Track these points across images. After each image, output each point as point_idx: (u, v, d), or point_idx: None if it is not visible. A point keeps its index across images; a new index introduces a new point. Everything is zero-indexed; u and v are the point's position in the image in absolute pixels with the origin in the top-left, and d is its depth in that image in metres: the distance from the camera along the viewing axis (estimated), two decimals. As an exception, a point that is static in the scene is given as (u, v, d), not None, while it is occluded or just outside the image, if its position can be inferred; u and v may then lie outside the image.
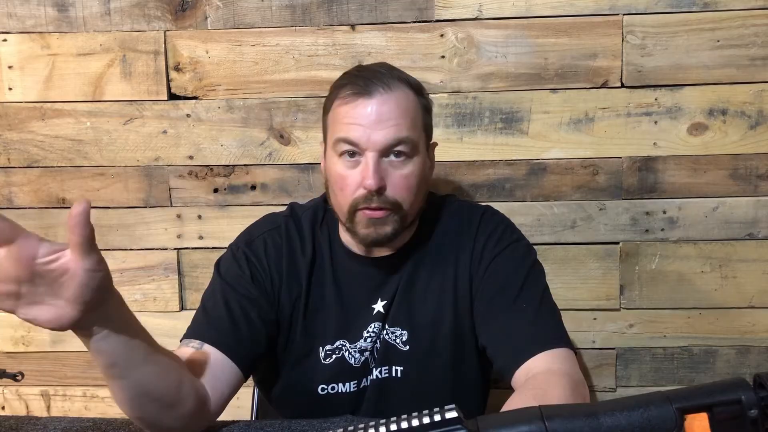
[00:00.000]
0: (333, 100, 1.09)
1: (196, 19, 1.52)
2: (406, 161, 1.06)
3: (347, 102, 1.05)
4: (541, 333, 1.01)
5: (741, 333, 1.56)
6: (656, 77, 1.48)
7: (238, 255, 1.12)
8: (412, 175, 1.06)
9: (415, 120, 1.07)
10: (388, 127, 1.03)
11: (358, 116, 1.04)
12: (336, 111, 1.07)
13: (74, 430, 0.98)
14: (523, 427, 0.57)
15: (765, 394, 0.58)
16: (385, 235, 1.06)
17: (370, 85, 1.04)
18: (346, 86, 1.07)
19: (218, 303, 1.07)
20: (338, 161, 1.06)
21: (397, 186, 1.05)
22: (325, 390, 1.12)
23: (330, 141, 1.08)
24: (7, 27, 1.55)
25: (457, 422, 0.57)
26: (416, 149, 1.07)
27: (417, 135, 1.07)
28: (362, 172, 1.03)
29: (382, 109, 1.03)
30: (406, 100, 1.06)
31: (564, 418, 0.58)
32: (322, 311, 1.12)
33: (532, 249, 1.15)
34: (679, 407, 0.57)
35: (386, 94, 1.04)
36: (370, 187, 1.02)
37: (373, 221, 1.04)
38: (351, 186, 1.05)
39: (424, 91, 1.12)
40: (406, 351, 1.12)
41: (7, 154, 1.59)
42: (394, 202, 1.05)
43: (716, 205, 1.52)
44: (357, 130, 1.03)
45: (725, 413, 0.58)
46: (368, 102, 1.04)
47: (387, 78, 1.06)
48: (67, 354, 1.66)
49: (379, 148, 1.03)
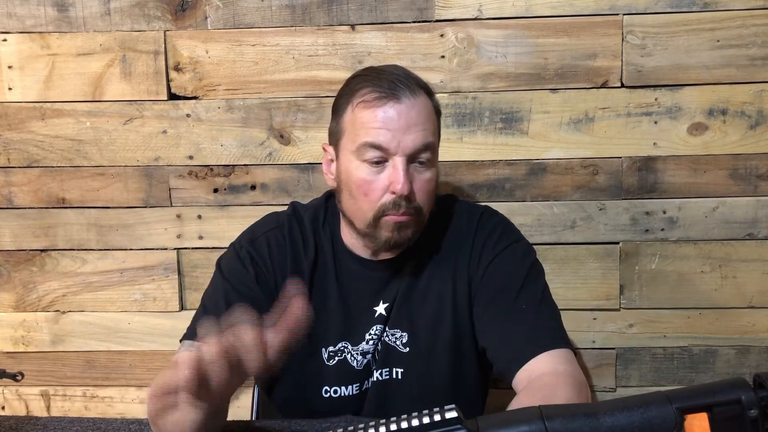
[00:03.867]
0: (351, 102, 1.06)
1: (196, 19, 1.52)
2: (429, 166, 1.06)
3: (372, 105, 1.03)
4: (542, 334, 1.01)
5: (741, 333, 1.56)
6: (656, 77, 1.48)
7: (242, 254, 1.11)
8: (432, 181, 1.07)
9: (434, 124, 1.07)
10: (416, 132, 1.02)
11: (387, 120, 1.02)
12: (359, 114, 1.04)
13: (74, 430, 0.98)
14: (523, 427, 0.57)
15: (765, 394, 0.58)
16: (406, 239, 1.06)
17: (396, 89, 1.03)
18: (367, 89, 1.04)
19: (219, 304, 1.06)
20: (361, 165, 1.04)
21: (420, 191, 1.05)
22: (328, 393, 1.12)
23: (351, 145, 1.05)
24: (7, 27, 1.55)
25: (456, 422, 0.57)
26: (437, 153, 1.08)
27: (437, 139, 1.08)
28: (391, 177, 1.02)
29: (411, 114, 1.02)
30: (428, 104, 1.06)
31: (564, 417, 0.58)
32: (324, 312, 1.12)
33: (532, 249, 1.15)
34: (679, 407, 0.57)
35: (413, 98, 1.03)
36: (401, 192, 1.01)
37: (398, 225, 1.04)
38: (376, 192, 1.03)
39: (435, 95, 1.11)
40: (407, 353, 1.12)
41: (7, 154, 1.59)
42: (419, 207, 1.05)
43: (716, 205, 1.52)
44: (385, 134, 1.01)
45: (725, 413, 0.57)
46: (396, 106, 1.02)
47: (409, 82, 1.05)
48: (67, 354, 1.66)
49: (408, 153, 1.02)
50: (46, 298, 1.64)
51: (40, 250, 1.62)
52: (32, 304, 1.64)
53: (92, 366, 1.66)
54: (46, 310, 1.64)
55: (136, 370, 1.65)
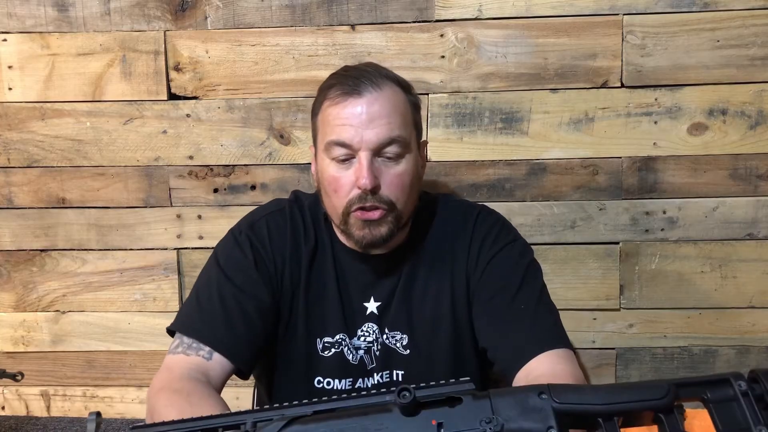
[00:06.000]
0: (321, 102, 1.08)
1: (196, 19, 1.52)
2: (399, 160, 1.05)
3: (336, 103, 1.04)
4: (541, 334, 1.01)
5: (741, 333, 1.56)
6: (656, 77, 1.48)
7: (240, 239, 1.11)
8: (406, 174, 1.06)
9: (405, 118, 1.07)
10: (380, 126, 1.02)
11: (349, 116, 1.03)
12: (325, 113, 1.06)
13: (74, 430, 0.98)
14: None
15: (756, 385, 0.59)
16: (381, 237, 1.05)
17: (359, 85, 1.03)
18: (334, 87, 1.06)
19: (213, 297, 1.06)
20: (330, 164, 1.05)
21: (391, 185, 1.04)
22: (321, 384, 1.12)
23: (321, 144, 1.07)
24: (7, 27, 1.55)
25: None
26: (408, 147, 1.06)
27: (408, 133, 1.07)
28: (356, 172, 1.03)
29: (373, 108, 1.03)
30: (395, 98, 1.06)
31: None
32: (322, 301, 1.12)
33: (529, 248, 1.15)
34: (671, 383, 0.61)
35: (376, 92, 1.03)
36: (364, 186, 1.01)
37: (368, 223, 1.04)
38: (344, 187, 1.04)
39: (412, 89, 1.12)
40: (407, 355, 1.12)
41: (7, 154, 1.59)
42: (389, 201, 1.04)
43: (716, 205, 1.52)
44: (348, 131, 1.02)
45: (718, 396, 0.61)
46: (358, 101, 1.03)
47: (375, 77, 1.05)
48: (67, 354, 1.66)
49: (372, 148, 1.02)
50: (46, 298, 1.64)
51: (40, 250, 1.62)
52: (32, 304, 1.64)
53: (92, 366, 1.66)
54: (46, 310, 1.64)
55: (136, 370, 1.65)
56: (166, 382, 0.97)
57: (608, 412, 0.60)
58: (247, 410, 0.66)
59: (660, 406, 0.60)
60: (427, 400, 0.62)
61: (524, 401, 0.61)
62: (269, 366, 1.15)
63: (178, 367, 1.00)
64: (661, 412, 0.60)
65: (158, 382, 0.98)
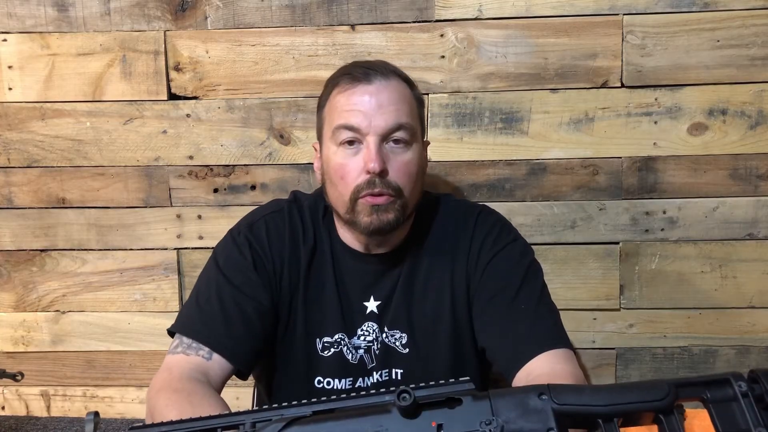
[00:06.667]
0: (330, 92, 1.10)
1: (196, 19, 1.52)
2: (406, 148, 1.06)
3: (346, 89, 1.06)
4: (541, 333, 1.01)
5: (741, 333, 1.56)
6: (656, 77, 1.48)
7: (239, 240, 1.11)
8: (412, 163, 1.07)
9: (412, 108, 1.09)
10: (389, 112, 1.04)
11: (359, 102, 1.05)
12: (334, 101, 1.08)
13: (74, 430, 0.98)
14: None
15: (756, 385, 0.59)
16: (388, 223, 1.05)
17: (368, 74, 1.06)
18: (343, 77, 1.08)
19: (212, 299, 1.06)
20: (337, 151, 1.06)
21: (398, 171, 1.05)
22: (321, 384, 1.12)
23: (328, 131, 1.08)
24: (7, 27, 1.55)
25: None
26: (415, 137, 1.08)
27: (415, 123, 1.09)
28: (364, 157, 1.04)
29: (382, 95, 1.05)
30: (403, 89, 1.09)
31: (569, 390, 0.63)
32: (321, 302, 1.12)
33: (529, 248, 1.15)
34: (671, 383, 0.62)
35: (385, 81, 1.06)
36: (373, 169, 1.02)
37: (376, 208, 1.04)
38: (352, 173, 1.05)
39: (416, 87, 1.14)
40: (406, 354, 1.12)
41: (7, 154, 1.59)
42: (396, 187, 1.05)
43: (716, 205, 1.52)
44: (357, 116, 1.04)
45: (718, 396, 0.61)
46: (368, 88, 1.05)
47: (384, 69, 1.08)
48: (67, 354, 1.66)
49: (381, 133, 1.04)
50: (46, 298, 1.64)
51: (40, 250, 1.62)
52: (32, 304, 1.64)
53: (92, 366, 1.66)
54: (46, 310, 1.64)
55: (136, 370, 1.66)
56: (166, 382, 0.97)
57: (608, 413, 0.60)
58: (246, 410, 0.66)
59: (660, 407, 0.60)
60: (427, 401, 0.62)
61: (524, 402, 0.61)
62: (269, 366, 1.15)
63: (178, 367, 1.00)
64: (661, 412, 0.60)
65: (158, 382, 0.98)
